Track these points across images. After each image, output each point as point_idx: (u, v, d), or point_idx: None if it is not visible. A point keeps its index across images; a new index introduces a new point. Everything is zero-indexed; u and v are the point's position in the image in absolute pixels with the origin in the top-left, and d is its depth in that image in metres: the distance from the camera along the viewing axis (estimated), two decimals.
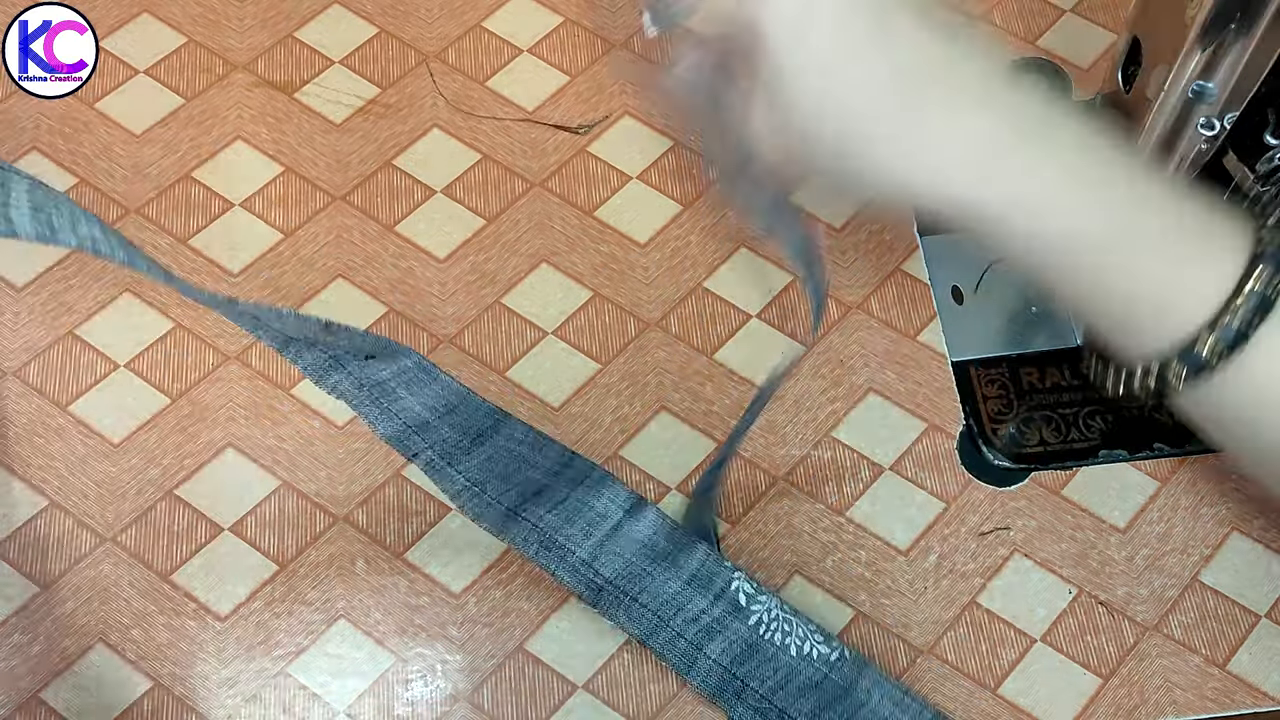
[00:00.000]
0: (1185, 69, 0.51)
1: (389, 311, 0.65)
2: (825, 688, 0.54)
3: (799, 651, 0.54)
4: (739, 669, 0.54)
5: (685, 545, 0.56)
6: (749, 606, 0.55)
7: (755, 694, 0.53)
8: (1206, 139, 0.53)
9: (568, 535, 0.55)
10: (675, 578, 0.55)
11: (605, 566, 0.55)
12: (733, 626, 0.55)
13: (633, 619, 0.55)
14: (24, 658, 0.57)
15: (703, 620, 0.55)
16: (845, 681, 0.54)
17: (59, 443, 0.62)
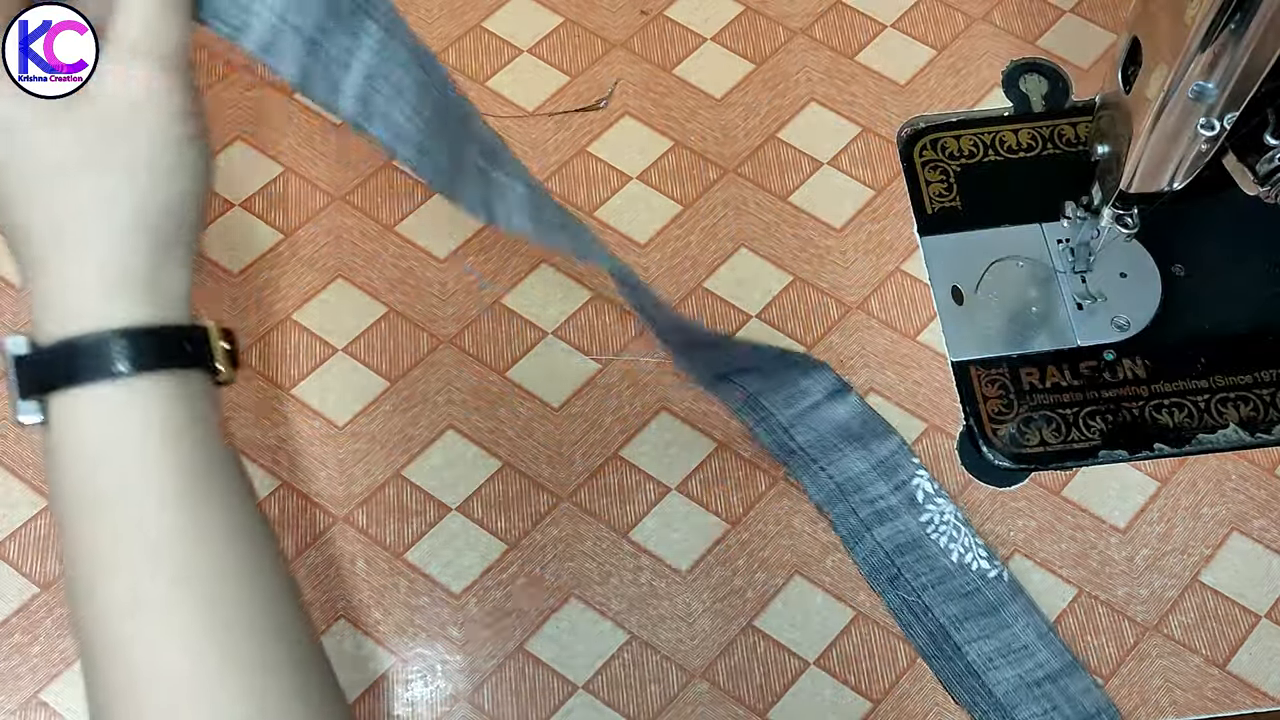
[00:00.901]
0: (1185, 69, 0.51)
1: (389, 311, 0.65)
2: (975, 599, 0.55)
3: (959, 559, 0.56)
4: (898, 558, 0.56)
5: (880, 434, 0.58)
6: (924, 505, 0.56)
7: (907, 585, 0.55)
8: (1206, 139, 0.53)
9: (771, 400, 0.57)
10: (863, 460, 0.57)
11: (800, 434, 0.56)
12: (904, 518, 0.56)
13: (817, 485, 0.56)
14: (24, 658, 0.57)
15: (878, 504, 0.56)
16: (996, 600, 0.56)
17: None
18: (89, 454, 0.35)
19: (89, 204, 0.35)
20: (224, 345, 0.39)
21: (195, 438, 0.36)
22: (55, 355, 0.36)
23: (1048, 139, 0.71)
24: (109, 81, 0.35)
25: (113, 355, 0.35)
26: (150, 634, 0.35)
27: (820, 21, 0.75)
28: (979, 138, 0.71)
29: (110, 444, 0.35)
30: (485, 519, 0.61)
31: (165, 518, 0.35)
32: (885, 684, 0.58)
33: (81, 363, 0.35)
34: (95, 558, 0.35)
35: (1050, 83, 0.73)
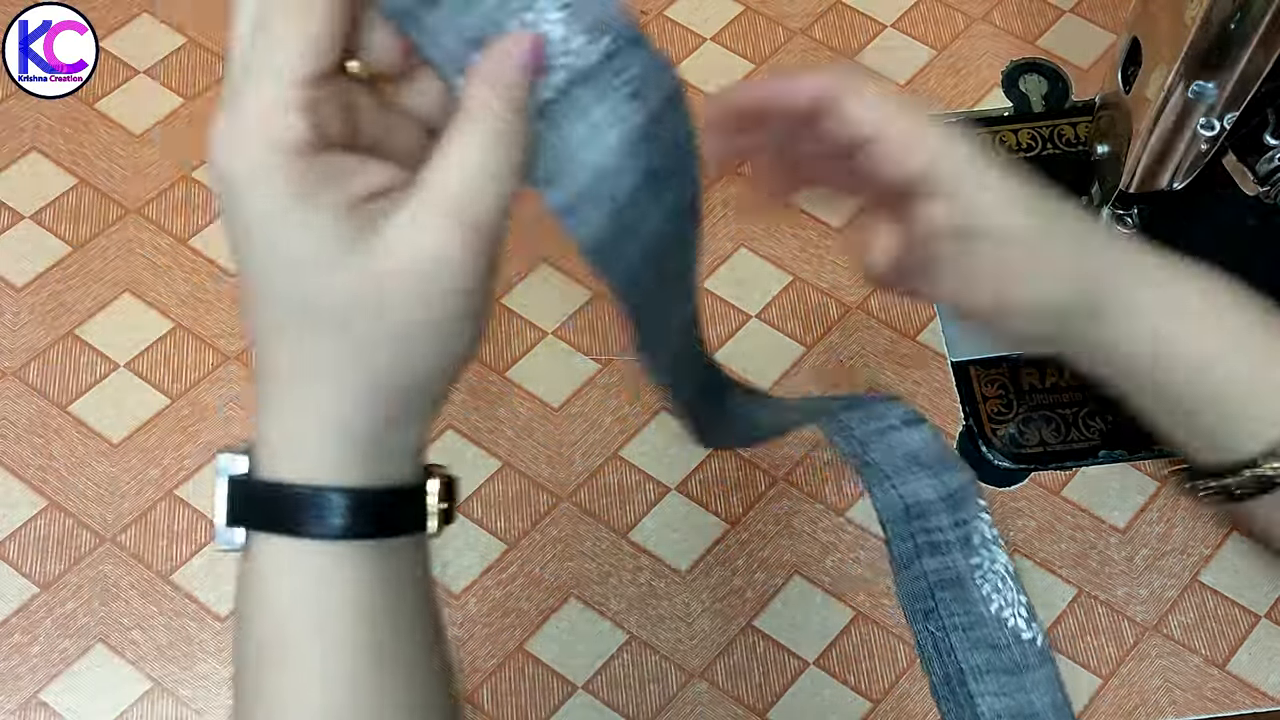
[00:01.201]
0: (1185, 69, 0.51)
1: None
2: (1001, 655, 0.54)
3: (997, 611, 0.55)
4: (938, 593, 0.54)
5: (952, 467, 0.57)
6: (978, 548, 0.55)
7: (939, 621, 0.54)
8: (1206, 139, 0.53)
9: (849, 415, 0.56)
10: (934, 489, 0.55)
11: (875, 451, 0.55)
12: (954, 555, 0.55)
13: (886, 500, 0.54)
14: (24, 658, 0.57)
15: (935, 535, 0.55)
16: (1022, 662, 0.55)
17: (59, 443, 0.62)
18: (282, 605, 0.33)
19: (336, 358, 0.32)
20: (441, 505, 0.35)
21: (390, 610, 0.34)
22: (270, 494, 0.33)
23: (1048, 139, 0.71)
24: (409, 236, 0.31)
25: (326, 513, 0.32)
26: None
27: (820, 21, 0.75)
28: (979, 138, 0.71)
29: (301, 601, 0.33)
30: (485, 519, 0.61)
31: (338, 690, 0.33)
32: (885, 684, 0.58)
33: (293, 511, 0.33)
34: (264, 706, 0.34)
35: (1050, 83, 0.73)
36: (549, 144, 0.32)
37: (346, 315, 0.31)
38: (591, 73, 0.32)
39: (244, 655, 0.34)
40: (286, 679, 0.33)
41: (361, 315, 0.31)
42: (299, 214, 0.30)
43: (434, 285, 0.31)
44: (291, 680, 0.33)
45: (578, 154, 0.33)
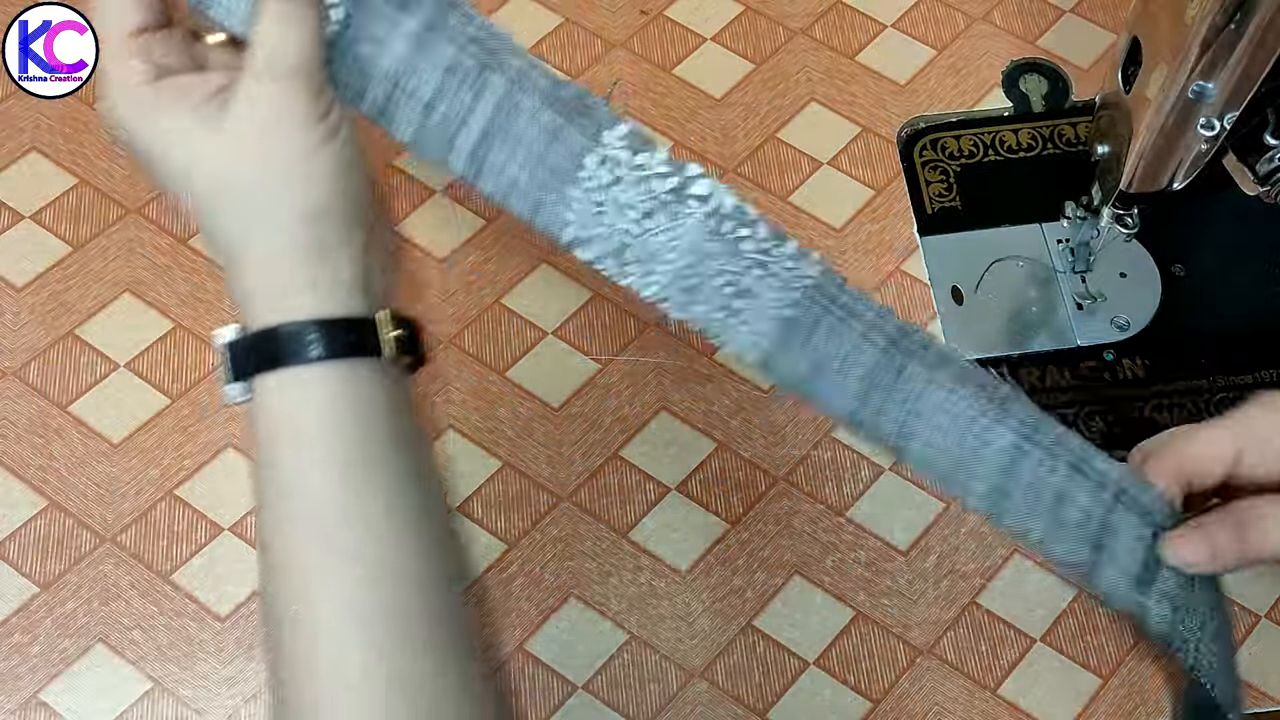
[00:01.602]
0: (1185, 69, 0.51)
1: None
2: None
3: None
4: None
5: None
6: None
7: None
8: (1206, 139, 0.53)
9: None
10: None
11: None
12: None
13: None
14: (24, 658, 0.57)
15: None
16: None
17: (59, 443, 0.62)
18: (269, 430, 0.40)
19: (248, 214, 0.40)
20: (395, 333, 0.41)
21: (363, 420, 0.40)
22: (252, 343, 0.41)
23: (1048, 139, 0.71)
24: (241, 103, 0.39)
25: (281, 346, 0.40)
26: (303, 595, 0.39)
27: (820, 21, 0.75)
28: (979, 138, 0.71)
29: (283, 421, 0.40)
30: (485, 519, 0.61)
31: (326, 492, 0.39)
32: (885, 684, 0.58)
33: (269, 351, 0.40)
34: (267, 520, 0.40)
35: (1050, 83, 0.73)
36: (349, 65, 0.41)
37: (233, 183, 0.39)
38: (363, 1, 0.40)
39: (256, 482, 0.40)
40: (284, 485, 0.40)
41: (242, 179, 0.39)
42: (161, 122, 0.39)
43: (277, 126, 0.39)
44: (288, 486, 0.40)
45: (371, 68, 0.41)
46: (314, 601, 0.39)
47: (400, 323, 0.42)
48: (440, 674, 0.39)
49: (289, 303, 0.40)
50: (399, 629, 0.39)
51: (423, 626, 0.40)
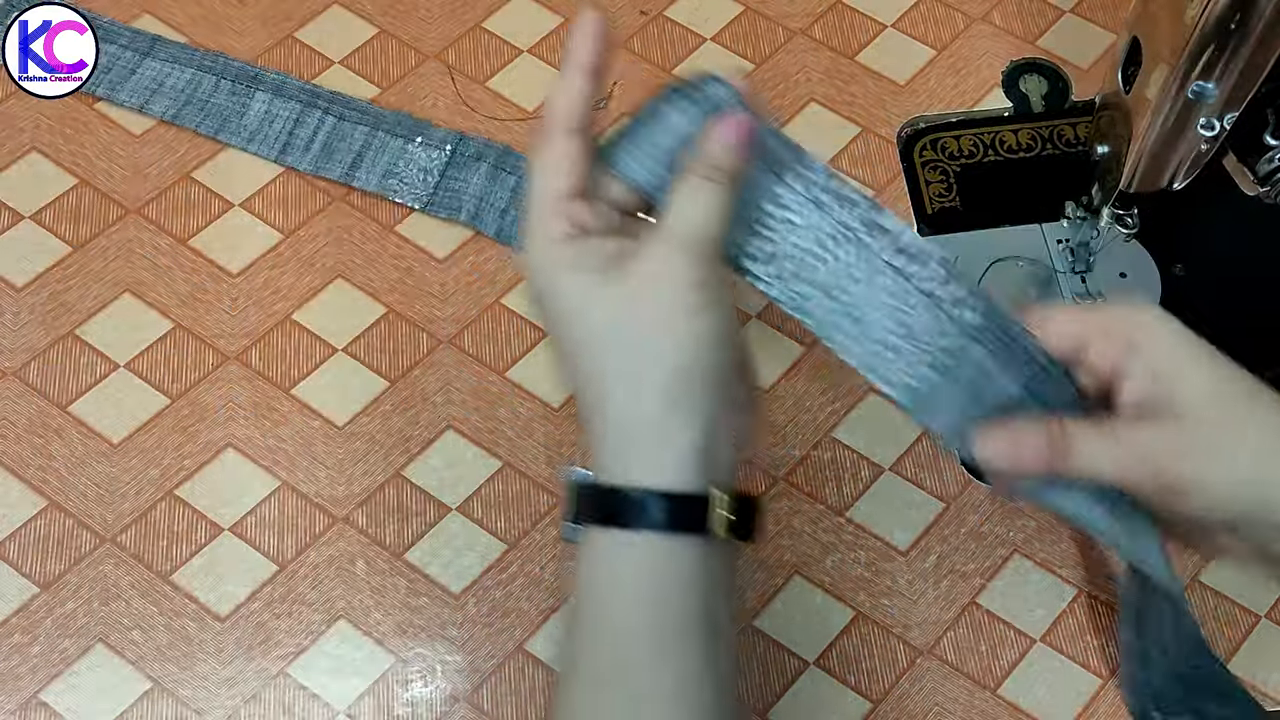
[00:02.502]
0: (1185, 69, 0.51)
1: (389, 312, 0.65)
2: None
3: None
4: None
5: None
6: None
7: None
8: (1206, 139, 0.53)
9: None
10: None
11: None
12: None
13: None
14: (24, 658, 0.57)
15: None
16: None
17: (59, 443, 0.62)
18: (590, 580, 0.43)
19: (619, 364, 0.42)
20: (727, 515, 0.42)
21: (679, 596, 0.42)
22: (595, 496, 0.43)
23: (1048, 139, 0.71)
24: (639, 260, 0.42)
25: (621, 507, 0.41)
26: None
27: (820, 21, 0.75)
28: (979, 138, 0.71)
29: (606, 579, 0.42)
30: (485, 519, 0.61)
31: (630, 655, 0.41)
32: (885, 684, 0.58)
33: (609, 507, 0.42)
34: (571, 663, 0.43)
35: (1050, 83, 0.73)
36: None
37: (613, 334, 0.42)
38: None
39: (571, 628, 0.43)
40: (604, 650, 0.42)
41: (622, 332, 0.42)
42: (570, 276, 0.42)
43: (667, 289, 0.41)
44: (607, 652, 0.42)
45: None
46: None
47: (737, 503, 0.43)
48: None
49: (636, 464, 0.42)
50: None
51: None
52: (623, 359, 0.42)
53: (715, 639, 0.42)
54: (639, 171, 0.44)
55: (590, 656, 0.42)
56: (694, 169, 0.43)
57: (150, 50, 0.70)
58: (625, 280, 0.42)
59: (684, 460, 0.42)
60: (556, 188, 0.43)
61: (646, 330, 0.42)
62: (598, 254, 0.42)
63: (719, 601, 0.43)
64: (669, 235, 0.42)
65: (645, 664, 0.41)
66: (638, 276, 0.42)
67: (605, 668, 0.42)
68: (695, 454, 0.42)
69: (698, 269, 0.42)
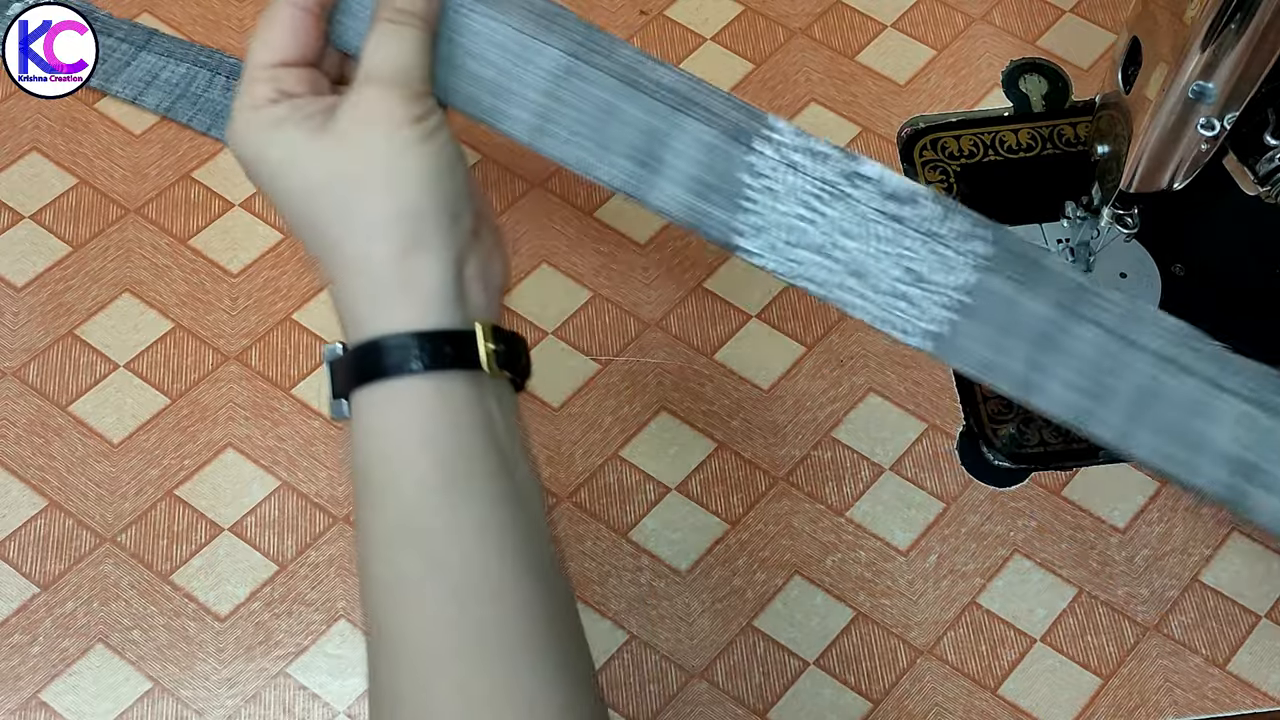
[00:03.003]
0: (1185, 69, 0.51)
1: None
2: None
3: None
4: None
5: None
6: None
7: None
8: (1206, 139, 0.53)
9: None
10: None
11: None
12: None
13: None
14: (24, 658, 0.57)
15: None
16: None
17: (59, 443, 0.62)
18: (365, 444, 0.40)
19: (341, 211, 0.40)
20: (491, 346, 0.41)
21: (459, 436, 0.40)
22: (351, 359, 0.41)
23: (1048, 139, 0.71)
24: (343, 107, 0.41)
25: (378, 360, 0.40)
26: (400, 610, 0.39)
27: (820, 21, 0.75)
28: (979, 138, 0.71)
29: (378, 435, 0.40)
30: None
31: (419, 505, 0.39)
32: (885, 684, 0.58)
33: (366, 365, 0.40)
34: (363, 535, 0.40)
35: (1050, 83, 0.73)
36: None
37: (332, 185, 0.40)
38: None
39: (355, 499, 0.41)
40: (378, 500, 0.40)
41: (341, 180, 0.40)
42: (275, 134, 0.41)
43: (380, 129, 0.40)
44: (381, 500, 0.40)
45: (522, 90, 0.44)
46: (408, 612, 0.39)
47: (500, 336, 0.42)
48: (547, 694, 0.39)
49: (384, 313, 0.40)
50: (496, 645, 0.38)
51: (525, 646, 0.39)
52: (347, 208, 0.40)
53: (508, 476, 0.40)
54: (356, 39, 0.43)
55: (382, 520, 0.40)
56: (382, 15, 0.42)
57: (147, 44, 0.70)
58: (335, 128, 0.41)
59: (433, 299, 0.40)
60: (266, 58, 0.42)
61: (366, 174, 0.40)
62: (303, 111, 0.41)
63: (506, 439, 0.41)
64: (370, 77, 0.41)
65: (439, 509, 0.39)
66: (347, 121, 0.41)
67: (397, 526, 0.40)
68: (444, 292, 0.41)
69: (407, 106, 0.41)
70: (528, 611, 0.39)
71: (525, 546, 0.40)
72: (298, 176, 0.41)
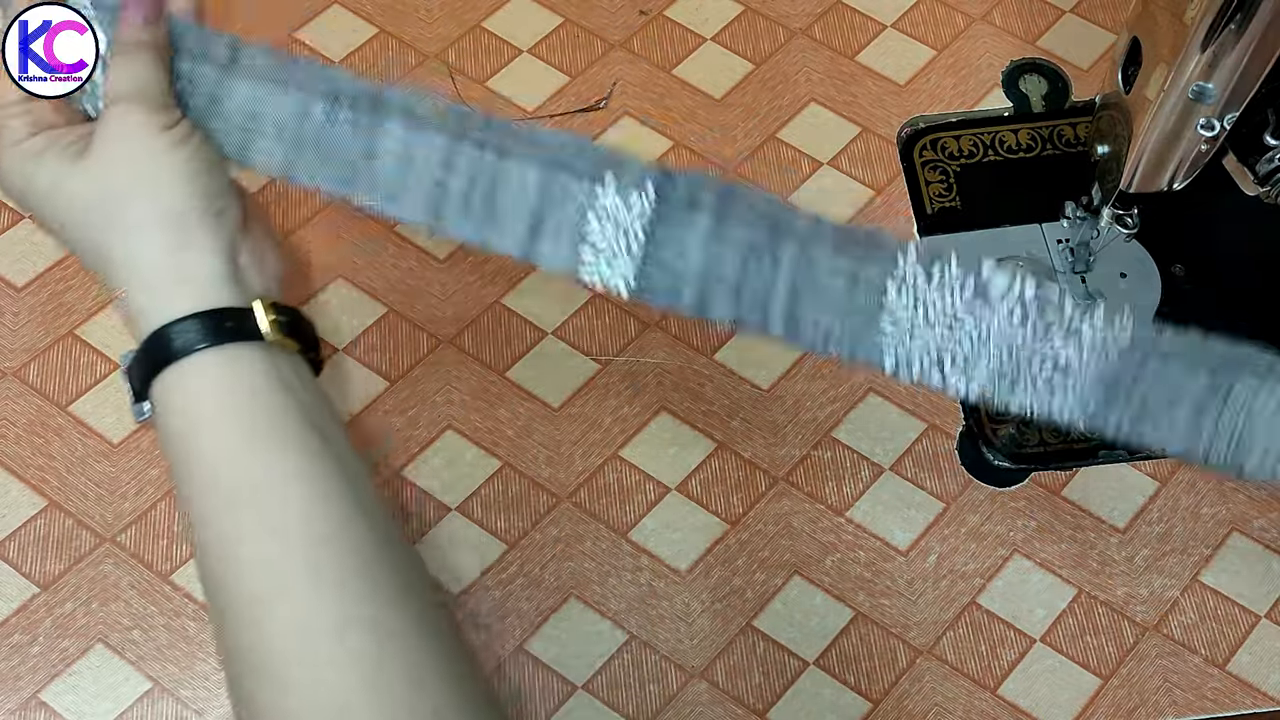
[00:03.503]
0: (1185, 69, 0.51)
1: (389, 312, 0.65)
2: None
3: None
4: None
5: None
6: None
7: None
8: (1206, 139, 0.53)
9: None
10: None
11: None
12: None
13: None
14: (24, 658, 0.57)
15: None
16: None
17: (59, 443, 0.62)
18: (171, 427, 0.42)
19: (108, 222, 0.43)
20: (275, 318, 0.43)
21: (258, 398, 0.42)
22: (141, 353, 0.42)
23: (1048, 139, 0.71)
24: (96, 129, 0.44)
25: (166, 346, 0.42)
26: (227, 564, 0.40)
27: (820, 21, 0.75)
28: (979, 138, 0.71)
29: (181, 414, 0.42)
30: (485, 519, 0.61)
31: (233, 464, 0.41)
32: (885, 684, 0.58)
33: (157, 355, 0.42)
34: (184, 508, 0.42)
35: (1050, 83, 0.73)
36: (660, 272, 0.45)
37: (97, 200, 0.43)
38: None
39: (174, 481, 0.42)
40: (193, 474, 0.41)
41: (105, 195, 0.43)
42: (39, 161, 0.43)
43: (134, 141, 0.43)
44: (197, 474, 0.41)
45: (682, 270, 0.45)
46: (236, 565, 0.40)
47: (279, 310, 0.43)
48: (390, 616, 0.40)
49: (164, 306, 0.42)
50: (332, 579, 0.40)
51: (361, 576, 0.40)
52: (115, 219, 0.43)
53: (319, 435, 0.42)
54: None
55: (195, 488, 0.41)
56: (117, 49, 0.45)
57: (232, 60, 0.46)
58: (93, 150, 0.43)
59: (208, 285, 0.43)
60: (15, 94, 0.45)
61: (128, 185, 0.43)
62: (62, 141, 0.44)
63: (314, 406, 0.43)
64: (117, 98, 0.44)
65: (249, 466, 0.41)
66: (101, 140, 0.43)
67: (210, 487, 0.41)
68: (218, 278, 0.43)
69: (154, 116, 0.43)
70: (360, 550, 0.41)
71: (349, 493, 0.41)
72: (64, 199, 0.43)
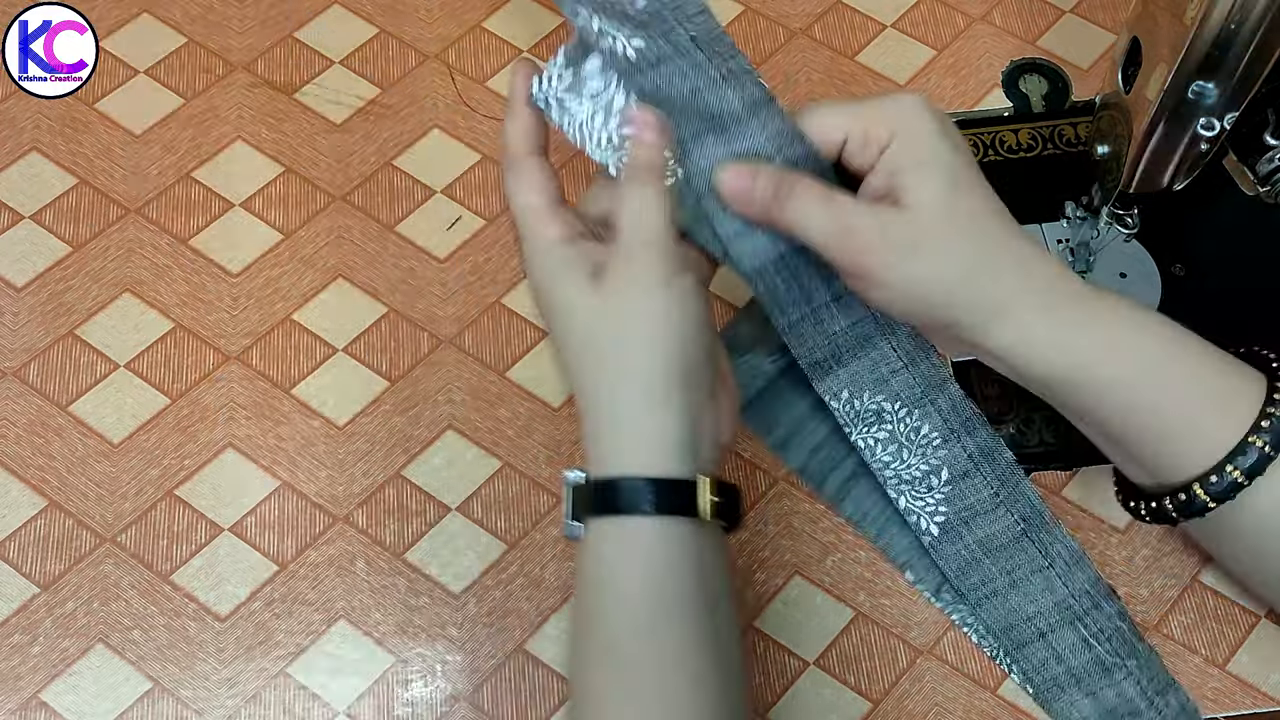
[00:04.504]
0: (1185, 69, 0.51)
1: (389, 311, 0.65)
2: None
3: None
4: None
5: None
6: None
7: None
8: (1206, 139, 0.53)
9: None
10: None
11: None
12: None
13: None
14: (24, 658, 0.57)
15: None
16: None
17: (59, 443, 0.62)
18: (591, 569, 0.46)
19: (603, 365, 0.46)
20: (713, 498, 0.46)
21: (674, 575, 0.45)
22: (593, 490, 0.46)
23: (1048, 139, 0.71)
24: (609, 270, 0.46)
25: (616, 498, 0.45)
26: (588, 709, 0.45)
27: (820, 21, 0.75)
28: (979, 138, 0.71)
29: (604, 563, 0.46)
30: (485, 519, 0.61)
31: (629, 633, 0.45)
32: (885, 684, 0.58)
33: (605, 499, 0.45)
34: (575, 646, 0.47)
35: (1050, 83, 0.73)
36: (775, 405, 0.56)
37: (595, 340, 0.46)
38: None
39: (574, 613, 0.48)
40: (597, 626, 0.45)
41: (603, 337, 0.46)
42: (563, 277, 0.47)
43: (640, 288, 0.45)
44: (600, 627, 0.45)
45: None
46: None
47: (721, 489, 0.46)
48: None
49: (626, 458, 0.45)
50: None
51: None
52: (607, 360, 0.46)
53: (710, 614, 0.45)
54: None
55: (594, 641, 0.45)
56: (625, 178, 0.47)
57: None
58: (605, 285, 0.46)
59: (669, 451, 0.45)
60: (539, 202, 0.48)
61: (628, 333, 0.45)
62: (588, 257, 0.47)
63: (713, 580, 0.46)
64: (628, 245, 0.46)
65: (645, 644, 0.44)
66: (614, 278, 0.46)
67: (606, 649, 0.45)
68: (679, 445, 0.45)
69: (659, 267, 0.46)
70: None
71: (717, 682, 0.45)
72: (576, 322, 0.46)
